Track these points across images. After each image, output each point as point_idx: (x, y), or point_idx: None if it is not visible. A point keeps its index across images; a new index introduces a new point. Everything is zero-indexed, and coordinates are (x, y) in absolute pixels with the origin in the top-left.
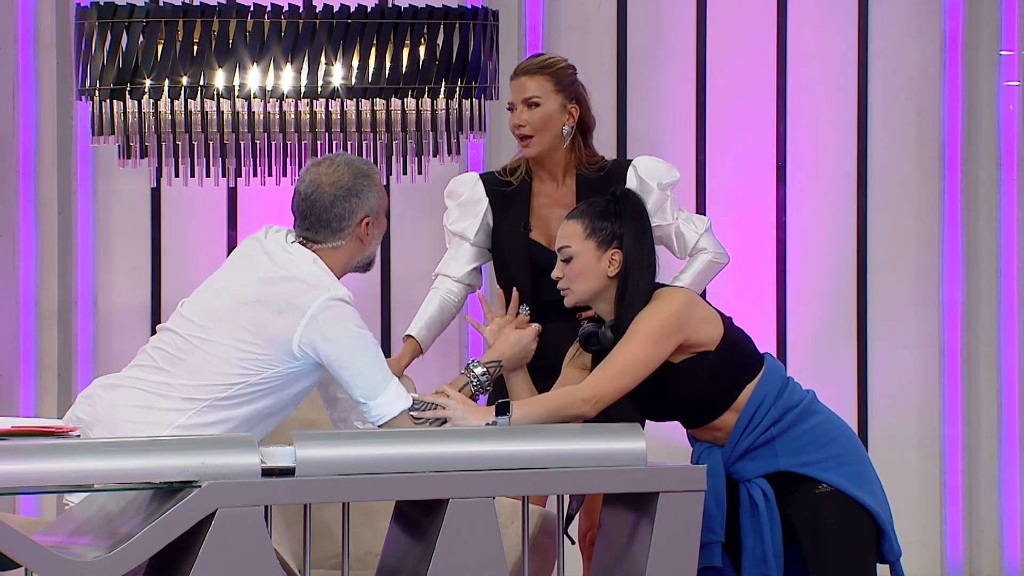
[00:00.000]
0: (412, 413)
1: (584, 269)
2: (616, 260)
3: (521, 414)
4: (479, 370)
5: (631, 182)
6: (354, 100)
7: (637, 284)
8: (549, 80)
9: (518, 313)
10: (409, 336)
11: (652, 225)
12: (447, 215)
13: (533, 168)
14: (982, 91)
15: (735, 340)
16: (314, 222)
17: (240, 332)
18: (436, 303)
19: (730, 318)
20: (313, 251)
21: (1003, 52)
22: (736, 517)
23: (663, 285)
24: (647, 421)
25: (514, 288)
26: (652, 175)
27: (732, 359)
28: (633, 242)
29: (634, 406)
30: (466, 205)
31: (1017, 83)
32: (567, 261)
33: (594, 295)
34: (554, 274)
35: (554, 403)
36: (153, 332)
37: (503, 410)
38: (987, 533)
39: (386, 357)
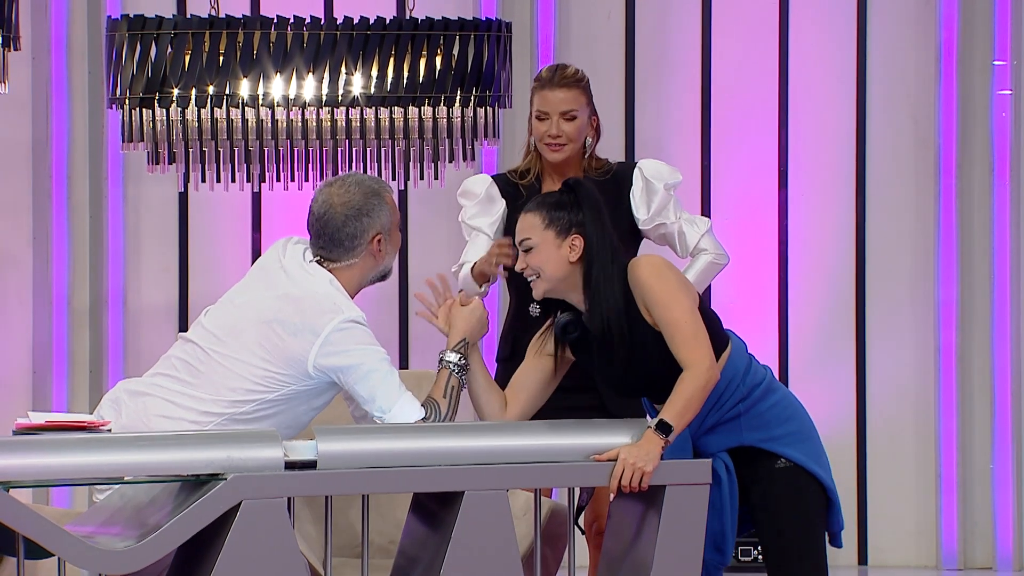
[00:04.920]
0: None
1: (546, 258)
2: (577, 245)
3: (677, 421)
4: (454, 357)
5: (637, 183)
6: (373, 108)
7: (603, 267)
8: (583, 94)
9: (521, 315)
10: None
11: (656, 224)
12: (464, 212)
13: (546, 171)
14: (976, 99)
15: (707, 313)
16: (327, 241)
17: (258, 349)
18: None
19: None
20: (329, 270)
21: (996, 62)
22: None
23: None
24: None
25: (438, 275)
26: (657, 176)
27: (707, 328)
28: (593, 227)
29: (611, 387)
30: (484, 203)
31: (1010, 92)
32: (528, 252)
33: (559, 282)
34: (517, 266)
35: (687, 392)
36: (181, 330)
37: (665, 429)
38: (981, 524)
39: (412, 344)
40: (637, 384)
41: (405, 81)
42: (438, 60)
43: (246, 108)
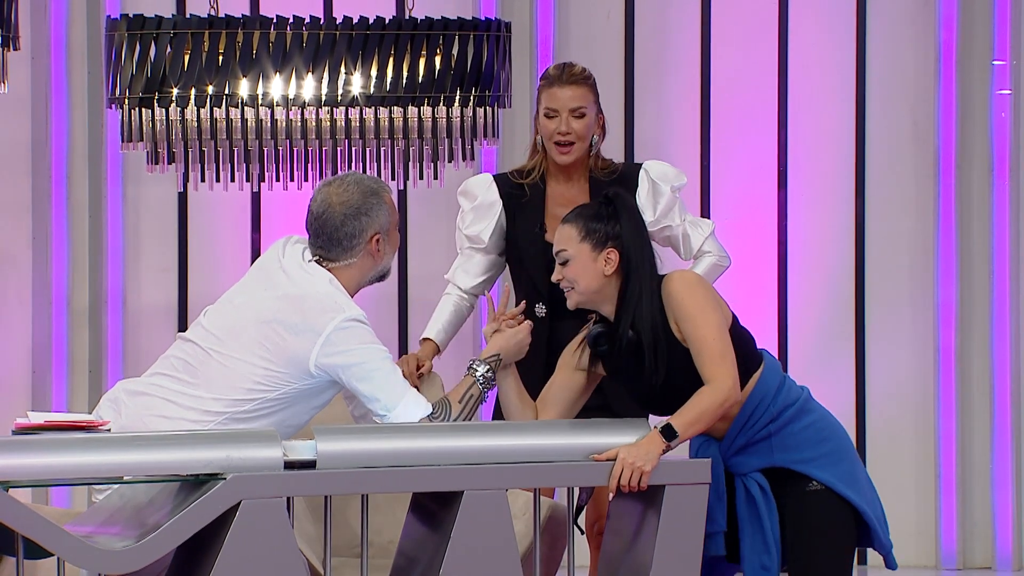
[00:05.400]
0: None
1: (581, 271)
2: (612, 259)
3: (684, 430)
4: (483, 368)
5: (643, 185)
6: (372, 108)
7: (641, 279)
8: (591, 91)
9: (527, 315)
10: (427, 339)
11: (662, 226)
12: (461, 218)
13: (550, 171)
14: (975, 99)
15: (740, 332)
16: (326, 241)
17: (258, 349)
18: (451, 307)
19: (734, 314)
20: (328, 269)
21: (996, 62)
22: (733, 508)
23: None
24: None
25: (522, 302)
26: (663, 178)
27: (738, 348)
28: (632, 240)
29: (638, 402)
30: (480, 208)
31: (1009, 92)
32: (564, 264)
33: (594, 295)
34: (554, 277)
35: (702, 405)
36: (181, 330)
37: (670, 434)
38: (980, 524)
39: (412, 345)
40: (664, 399)
41: (405, 81)
42: (437, 60)
43: (245, 108)
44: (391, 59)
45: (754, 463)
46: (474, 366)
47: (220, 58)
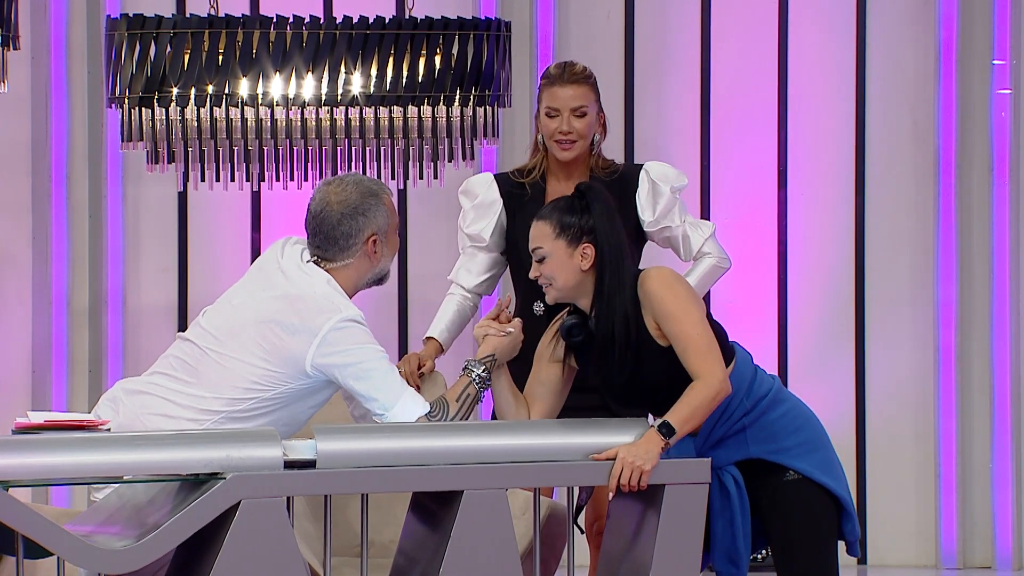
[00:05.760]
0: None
1: (558, 267)
2: (588, 254)
3: (681, 426)
4: (480, 369)
5: (643, 185)
6: (372, 108)
7: (616, 272)
8: (592, 90)
9: (525, 314)
10: (430, 338)
11: (661, 227)
12: (462, 217)
13: (551, 170)
14: (975, 99)
15: (713, 325)
16: (323, 240)
17: (255, 348)
18: (454, 307)
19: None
20: (326, 270)
21: (996, 61)
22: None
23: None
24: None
25: (508, 296)
26: (663, 179)
27: None
28: (605, 233)
29: (610, 397)
30: (481, 207)
31: (1009, 91)
32: (540, 261)
33: (572, 290)
34: (531, 274)
35: (696, 400)
36: (181, 330)
37: (668, 431)
38: (980, 524)
39: (412, 344)
40: (638, 395)
41: (404, 80)
42: (437, 59)
43: (245, 107)
44: (391, 59)
45: (730, 456)
46: (470, 367)
47: (220, 58)
